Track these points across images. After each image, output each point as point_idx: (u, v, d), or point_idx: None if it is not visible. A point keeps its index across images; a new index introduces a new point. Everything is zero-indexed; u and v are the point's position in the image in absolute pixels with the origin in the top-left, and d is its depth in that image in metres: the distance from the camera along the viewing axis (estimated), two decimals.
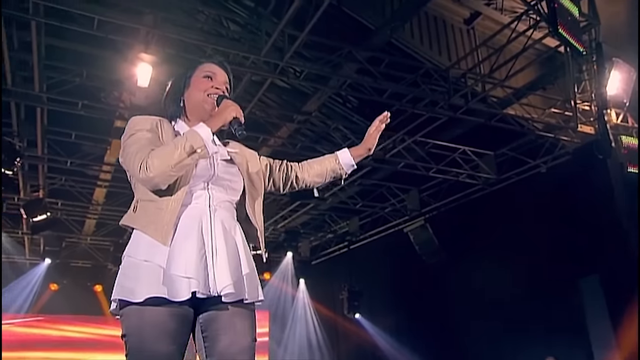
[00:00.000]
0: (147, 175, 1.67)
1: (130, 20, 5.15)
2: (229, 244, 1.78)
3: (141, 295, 1.64)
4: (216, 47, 5.51)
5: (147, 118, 1.89)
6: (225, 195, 1.87)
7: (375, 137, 2.20)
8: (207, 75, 1.97)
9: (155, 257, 1.69)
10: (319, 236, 12.79)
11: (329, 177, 2.20)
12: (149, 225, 1.73)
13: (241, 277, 1.77)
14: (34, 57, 5.52)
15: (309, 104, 7.42)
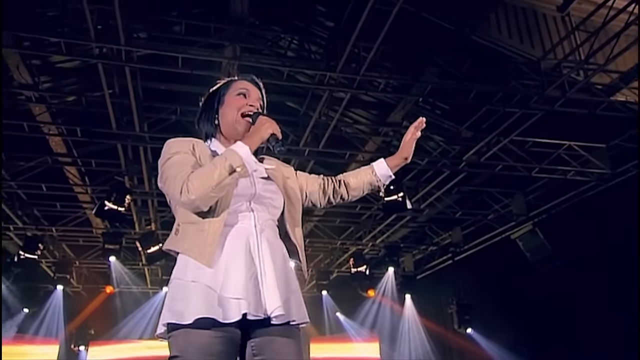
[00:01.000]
0: (189, 197, 1.64)
1: (211, 55, 5.41)
2: (277, 264, 1.76)
3: (190, 317, 1.60)
4: (292, 69, 5.60)
5: (183, 140, 1.87)
6: (267, 214, 1.84)
7: (411, 145, 2.13)
8: (241, 92, 1.96)
9: (203, 278, 1.66)
10: (422, 249, 12.42)
11: (367, 189, 2.17)
12: (192, 247, 1.70)
13: (289, 298, 1.75)
14: (132, 100, 5.98)
15: (394, 114, 7.28)
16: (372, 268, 11.74)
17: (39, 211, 9.82)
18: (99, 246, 10.00)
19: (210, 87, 2.05)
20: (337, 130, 7.41)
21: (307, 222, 10.82)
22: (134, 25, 5.49)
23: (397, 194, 7.36)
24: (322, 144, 6.98)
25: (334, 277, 12.85)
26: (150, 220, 9.46)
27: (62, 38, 5.16)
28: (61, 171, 8.40)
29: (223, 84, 2.02)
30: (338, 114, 6.44)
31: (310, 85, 6.10)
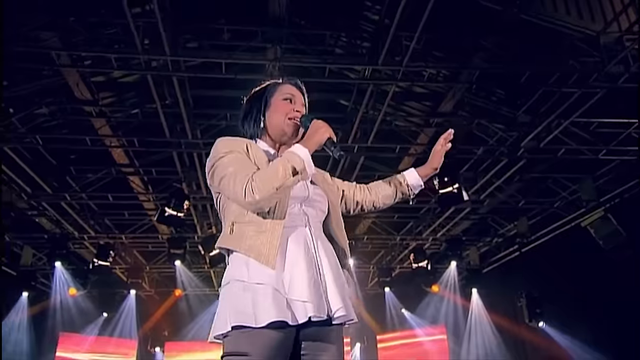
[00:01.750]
0: (254, 198, 1.65)
1: (253, 58, 5.48)
2: (332, 266, 1.80)
3: (262, 320, 1.61)
4: (335, 65, 5.57)
5: (237, 139, 1.89)
6: (317, 217, 1.88)
7: (440, 156, 2.17)
8: (287, 97, 1.97)
9: (269, 280, 1.67)
10: (487, 241, 12.00)
11: (398, 198, 2.22)
12: (252, 248, 1.71)
13: (346, 298, 1.78)
14: (182, 109, 6.17)
15: (444, 104, 7.07)
16: (434, 263, 11.48)
17: (109, 220, 10.37)
18: (165, 251, 10.41)
19: (254, 89, 2.08)
20: (386, 124, 7.30)
21: (364, 219, 10.75)
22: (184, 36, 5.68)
23: (452, 185, 7.14)
24: (370, 139, 6.89)
25: (396, 273, 12.69)
26: (211, 224, 9.73)
27: (113, 54, 5.40)
28: (125, 181, 8.83)
29: (268, 85, 2.04)
30: (384, 108, 6.33)
31: (354, 80, 6.04)
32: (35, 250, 11.19)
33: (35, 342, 11.33)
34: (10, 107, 7.12)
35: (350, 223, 10.52)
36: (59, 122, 7.24)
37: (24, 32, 5.38)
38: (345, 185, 2.20)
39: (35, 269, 11.14)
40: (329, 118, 6.43)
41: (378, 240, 11.68)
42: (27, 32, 5.40)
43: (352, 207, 2.19)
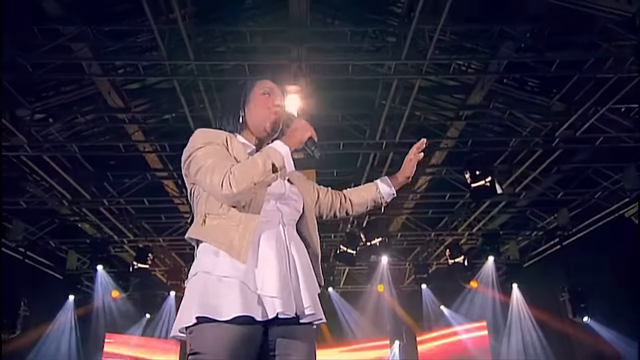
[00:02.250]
0: (232, 191, 1.62)
1: (274, 59, 5.51)
2: (304, 265, 1.78)
3: (228, 314, 1.58)
4: (357, 62, 5.53)
5: (216, 131, 1.87)
6: (291, 215, 1.86)
7: (412, 166, 2.19)
8: (266, 92, 1.96)
9: (238, 275, 1.64)
10: (526, 235, 11.69)
11: (370, 206, 2.24)
12: (224, 241, 1.68)
13: (315, 297, 1.76)
14: (209, 112, 6.27)
15: (474, 95, 6.92)
16: (471, 258, 11.26)
17: (147, 223, 10.64)
18: None
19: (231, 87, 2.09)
20: (415, 118, 7.21)
21: (398, 216, 10.66)
22: (208, 41, 5.77)
23: (484, 179, 6.97)
24: (399, 135, 6.82)
25: (433, 270, 12.52)
26: None
27: (140, 61, 5.53)
28: (161, 185, 9.04)
29: (246, 82, 2.03)
30: (410, 102, 6.25)
31: (379, 76, 5.99)
32: (79, 254, 11.61)
33: (81, 342, 11.75)
34: (50, 117, 7.42)
35: (384, 220, 10.46)
36: (95, 130, 7.48)
37: (58, 44, 5.58)
38: (322, 190, 2.18)
39: (79, 272, 11.56)
40: (357, 115, 6.43)
41: (412, 237, 11.55)
42: (61, 44, 5.59)
43: (326, 212, 2.18)
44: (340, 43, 5.67)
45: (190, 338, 1.62)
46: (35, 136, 7.04)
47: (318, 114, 6.99)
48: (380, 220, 9.64)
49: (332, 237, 11.04)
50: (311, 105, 5.74)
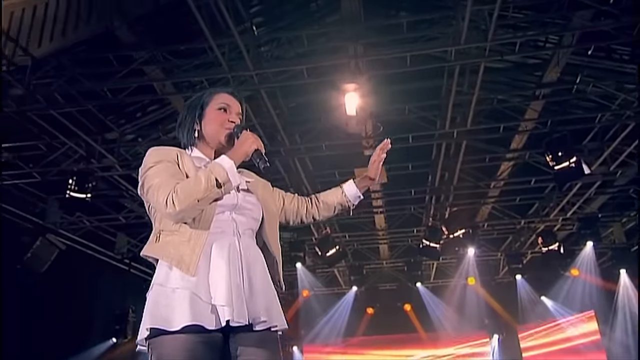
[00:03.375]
0: (175, 209, 1.67)
1: (330, 59, 5.54)
2: (258, 272, 1.81)
3: (177, 324, 1.63)
4: (413, 52, 5.41)
5: (167, 149, 1.89)
6: (247, 225, 1.88)
7: (377, 167, 2.18)
8: (222, 107, 1.96)
9: (187, 285, 1.69)
10: (631, 216, 10.71)
11: (338, 210, 2.24)
12: (174, 256, 1.73)
13: (270, 305, 1.78)
14: (275, 119, 6.44)
15: (549, 72, 6.48)
16: (569, 244, 10.53)
17: None
18: (287, 254, 10.87)
19: (191, 98, 2.08)
20: (486, 103, 6.91)
21: (483, 204, 10.24)
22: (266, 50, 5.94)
23: (568, 159, 6.49)
24: (469, 121, 6.56)
25: (528, 259, 11.87)
26: (326, 225, 9.97)
27: (204, 76, 5.81)
28: None
29: (204, 94, 2.03)
30: (478, 86, 5.99)
31: (440, 64, 5.80)
32: None
33: None
34: (139, 137, 8.00)
35: (466, 212, 10.10)
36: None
37: (132, 68, 6.02)
38: (287, 197, 2.20)
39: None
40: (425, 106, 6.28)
41: (501, 226, 11.03)
42: (135, 68, 6.02)
43: (292, 218, 2.20)
44: (396, 35, 5.57)
45: (151, 348, 1.67)
46: (124, 155, 7.61)
47: (384, 110, 6.96)
48: (462, 212, 9.32)
49: (414, 231, 10.86)
50: (372, 102, 5.70)
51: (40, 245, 8.90)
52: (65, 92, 6.10)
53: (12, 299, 7.79)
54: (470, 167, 8.48)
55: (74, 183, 6.97)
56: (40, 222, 9.00)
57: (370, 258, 12.62)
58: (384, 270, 13.56)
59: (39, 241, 8.89)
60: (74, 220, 9.43)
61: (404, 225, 10.80)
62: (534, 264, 11.80)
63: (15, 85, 5.75)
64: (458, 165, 7.84)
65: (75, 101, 6.23)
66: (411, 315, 13.50)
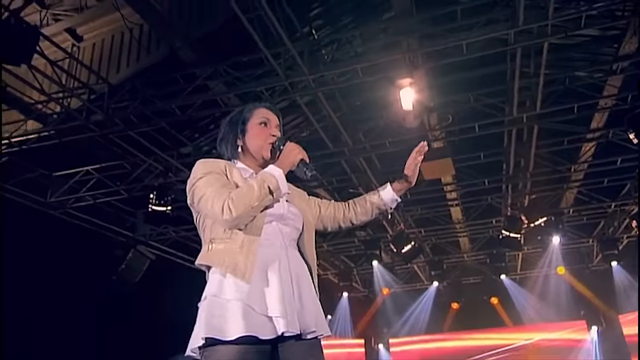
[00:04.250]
0: (232, 215, 1.75)
1: (385, 55, 5.50)
2: (304, 282, 1.88)
3: (232, 334, 1.69)
4: (469, 40, 5.24)
5: (215, 161, 1.99)
6: (291, 234, 1.97)
7: (413, 171, 2.20)
8: (262, 121, 2.07)
9: (241, 296, 1.75)
10: None
11: (374, 214, 2.28)
12: (229, 264, 1.80)
13: (318, 314, 1.88)
14: (335, 119, 6.49)
15: (625, 44, 6.02)
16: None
17: None
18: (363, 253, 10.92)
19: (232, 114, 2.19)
20: (558, 83, 6.54)
21: (567, 190, 9.66)
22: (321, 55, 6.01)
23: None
24: (538, 105, 6.24)
25: (624, 244, 11.03)
26: (399, 220, 9.88)
27: (262, 85, 5.99)
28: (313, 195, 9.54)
29: (244, 109, 2.15)
30: (543, 66, 5.68)
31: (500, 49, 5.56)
32: None
33: None
34: (213, 149, 8.39)
35: (551, 197, 9.60)
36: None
37: (197, 85, 6.33)
38: (323, 204, 2.26)
39: None
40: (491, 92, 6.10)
41: (589, 211, 10.34)
42: (200, 84, 6.33)
43: (330, 225, 2.26)
44: (451, 24, 5.43)
45: (204, 357, 1.75)
46: None
47: (446, 100, 6.79)
48: (542, 199, 8.86)
49: (493, 222, 10.47)
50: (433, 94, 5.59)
51: (132, 257, 9.59)
52: (140, 112, 6.53)
53: (110, 309, 8.47)
54: (547, 152, 8.05)
55: (154, 197, 7.45)
56: (131, 235, 9.71)
57: (450, 252, 12.33)
58: (466, 264, 13.19)
59: (131, 253, 9.59)
60: (161, 231, 10.04)
61: (482, 216, 10.46)
62: (631, 249, 10.94)
63: (95, 111, 6.26)
64: (532, 151, 7.48)
65: (150, 121, 6.65)
66: (499, 309, 13.02)
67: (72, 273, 7.72)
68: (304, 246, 2.00)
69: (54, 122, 6.61)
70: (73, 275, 7.74)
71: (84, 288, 8.10)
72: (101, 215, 9.03)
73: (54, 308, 7.49)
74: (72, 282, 7.76)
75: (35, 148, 6.95)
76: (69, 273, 7.67)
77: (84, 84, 6.24)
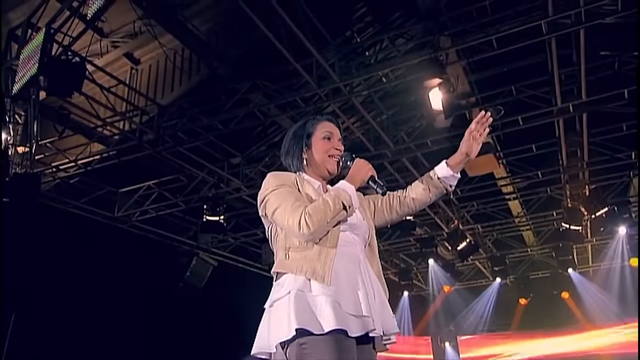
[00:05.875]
0: (309, 230, 1.83)
1: (416, 56, 5.52)
2: (380, 287, 2.00)
3: (327, 327, 1.73)
4: (499, 34, 5.14)
5: (285, 174, 2.07)
6: (363, 242, 2.05)
7: (468, 140, 2.12)
8: (326, 135, 2.14)
9: (328, 293, 1.80)
10: None
11: (433, 195, 2.18)
12: (307, 270, 1.85)
13: (392, 316, 2.00)
14: (373, 124, 6.56)
15: None
16: None
17: None
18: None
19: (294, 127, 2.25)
20: (604, 69, 6.24)
21: (634, 177, 9.08)
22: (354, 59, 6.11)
23: None
24: (584, 92, 5.98)
25: None
26: (453, 218, 9.73)
27: (297, 95, 6.16)
28: None
29: (307, 123, 2.21)
30: (582, 52, 5.44)
31: (531, 40, 5.38)
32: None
33: None
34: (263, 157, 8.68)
35: (616, 185, 9.08)
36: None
37: (239, 99, 6.63)
38: (377, 199, 2.24)
39: None
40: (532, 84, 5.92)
41: None
42: (240, 98, 6.62)
43: (388, 215, 2.23)
44: (479, 20, 5.34)
45: (302, 349, 1.74)
46: (250, 175, 8.29)
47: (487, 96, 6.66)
48: (601, 189, 8.40)
49: (554, 214, 10.05)
50: (469, 92, 5.52)
51: (196, 264, 10.11)
52: (189, 129, 6.92)
53: (177, 314, 9.00)
54: (603, 139, 7.65)
55: (208, 207, 7.84)
56: (194, 243, 10.23)
57: (514, 246, 11.95)
58: (532, 258, 12.71)
59: (195, 260, 10.11)
60: (222, 238, 10.49)
61: (543, 208, 10.08)
62: None
63: (147, 131, 6.72)
64: (585, 139, 7.14)
65: (199, 136, 7.02)
66: (570, 304, 12.44)
67: (141, 281, 8.30)
68: (372, 252, 2.09)
69: (114, 143, 7.16)
70: (142, 282, 8.31)
71: (154, 294, 8.67)
72: (165, 226, 9.60)
73: (125, 315, 8.09)
74: (142, 289, 8.33)
75: (101, 168, 7.54)
76: (139, 281, 8.25)
77: (136, 107, 6.72)
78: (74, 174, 7.63)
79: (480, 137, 2.12)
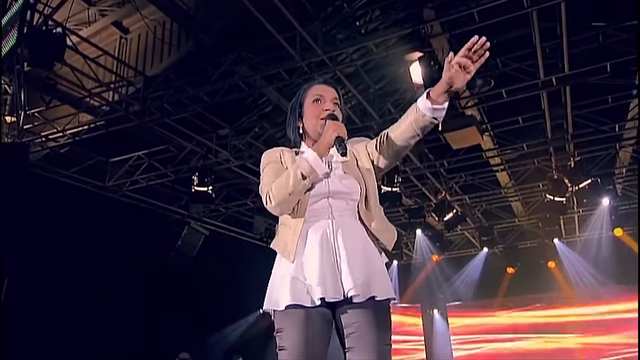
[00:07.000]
0: (271, 205, 1.93)
1: (399, 29, 5.52)
2: (354, 249, 1.93)
3: (281, 304, 1.91)
4: (479, 7, 5.14)
5: (273, 150, 2.11)
6: (345, 206, 1.99)
7: (449, 71, 1.80)
8: (316, 99, 2.08)
9: (290, 271, 1.93)
10: None
11: (419, 129, 1.90)
12: (279, 245, 2.00)
13: (370, 278, 1.90)
14: (358, 96, 6.59)
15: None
16: None
17: None
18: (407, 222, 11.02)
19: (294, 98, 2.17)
20: (588, 42, 6.24)
21: (621, 149, 9.18)
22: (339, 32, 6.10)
23: None
24: (567, 65, 6.01)
25: None
26: (441, 189, 9.86)
27: (281, 67, 6.17)
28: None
29: (300, 91, 2.16)
30: (564, 26, 5.45)
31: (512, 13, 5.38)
32: None
33: None
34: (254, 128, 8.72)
35: (602, 157, 9.19)
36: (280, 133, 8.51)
37: (224, 70, 6.63)
38: (371, 143, 2.08)
39: None
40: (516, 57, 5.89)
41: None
42: (226, 70, 6.63)
43: (386, 155, 2.02)
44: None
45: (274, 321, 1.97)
46: (238, 147, 8.34)
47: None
48: (585, 161, 8.51)
49: (540, 186, 10.18)
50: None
51: (187, 233, 10.25)
52: (176, 100, 6.95)
53: (170, 282, 9.19)
54: (589, 112, 7.70)
55: (196, 178, 7.94)
56: (185, 212, 10.35)
57: (501, 217, 12.12)
58: (521, 228, 12.91)
59: (186, 230, 10.25)
60: (214, 208, 10.61)
61: (530, 180, 10.19)
62: None
63: (132, 102, 6.75)
64: (569, 112, 7.19)
65: (186, 107, 7.06)
66: (556, 273, 12.70)
67: (133, 250, 8.44)
68: (368, 212, 2.00)
69: (102, 113, 7.19)
70: (134, 252, 8.46)
71: (146, 263, 8.84)
72: (156, 195, 9.70)
73: (118, 284, 8.26)
74: (134, 258, 8.48)
75: (90, 137, 7.57)
76: (131, 250, 8.39)
77: (122, 78, 6.72)
78: (64, 143, 7.68)
79: (472, 66, 1.79)
